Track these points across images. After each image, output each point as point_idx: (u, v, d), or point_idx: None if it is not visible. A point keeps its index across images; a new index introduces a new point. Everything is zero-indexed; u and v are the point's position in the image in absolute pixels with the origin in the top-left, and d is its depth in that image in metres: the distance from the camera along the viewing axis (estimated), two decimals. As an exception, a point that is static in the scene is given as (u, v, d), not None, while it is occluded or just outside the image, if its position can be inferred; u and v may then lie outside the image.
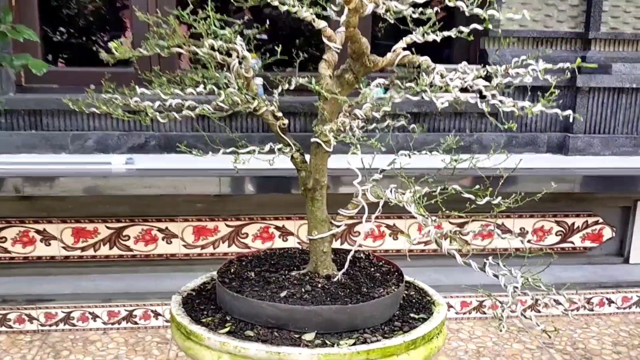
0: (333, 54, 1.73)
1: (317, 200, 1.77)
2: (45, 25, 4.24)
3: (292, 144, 1.78)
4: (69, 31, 4.81)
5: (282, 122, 1.74)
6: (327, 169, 1.77)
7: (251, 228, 3.14)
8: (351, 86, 1.67)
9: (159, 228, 3.10)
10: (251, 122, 3.31)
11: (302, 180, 1.78)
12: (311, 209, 1.77)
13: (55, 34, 4.60)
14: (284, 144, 1.77)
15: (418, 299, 1.86)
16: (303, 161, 1.79)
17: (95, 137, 3.23)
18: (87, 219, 3.07)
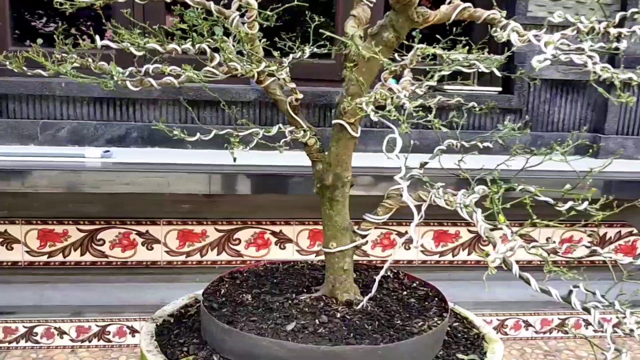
0: (364, 9, 1.25)
1: (337, 201, 1.29)
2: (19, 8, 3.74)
3: (306, 127, 1.30)
4: (43, 15, 4.32)
5: (295, 98, 1.26)
6: (351, 161, 1.29)
7: (244, 233, 2.65)
8: (390, 49, 1.19)
9: (139, 232, 2.60)
10: (247, 113, 2.83)
11: (318, 175, 1.30)
12: (328, 213, 1.29)
13: (32, 18, 4.10)
14: (296, 127, 1.29)
15: (463, 331, 1.39)
16: (320, 150, 1.31)
17: (68, 126, 2.72)
18: (55, 220, 2.56)
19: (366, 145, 2.88)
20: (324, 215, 1.30)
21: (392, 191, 1.27)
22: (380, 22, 1.19)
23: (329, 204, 1.29)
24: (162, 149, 2.76)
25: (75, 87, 2.68)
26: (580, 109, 2.98)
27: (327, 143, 1.33)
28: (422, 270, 2.75)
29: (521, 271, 1.11)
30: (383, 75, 1.19)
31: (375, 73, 1.23)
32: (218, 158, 2.56)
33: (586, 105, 2.97)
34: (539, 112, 2.96)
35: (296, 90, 1.25)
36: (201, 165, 2.43)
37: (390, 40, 1.17)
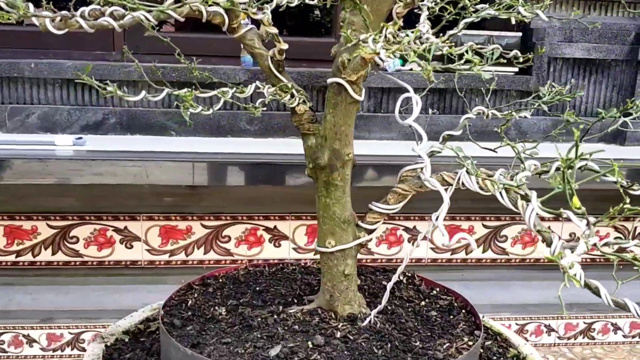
0: None
1: (335, 186, 0.96)
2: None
3: (294, 89, 0.97)
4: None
5: (279, 50, 0.94)
6: (352, 134, 0.97)
7: (234, 230, 2.32)
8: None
9: (116, 228, 2.28)
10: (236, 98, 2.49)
11: (310, 151, 0.97)
12: (325, 201, 0.96)
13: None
14: (282, 89, 0.96)
15: (498, 352, 1.06)
16: (312, 120, 0.99)
17: (39, 111, 2.39)
18: (23, 215, 2.25)
19: (370, 132, 2.55)
20: (319, 204, 0.98)
21: (406, 173, 0.95)
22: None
23: (324, 189, 0.96)
24: (143, 137, 2.43)
25: (47, 67, 2.35)
26: (605, 90, 2.64)
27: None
28: (433, 270, 2.43)
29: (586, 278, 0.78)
30: (395, 10, 0.86)
31: (383, 14, 0.90)
32: (204, 146, 2.24)
33: (611, 86, 2.64)
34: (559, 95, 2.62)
35: (279, 39, 0.92)
36: (183, 154, 2.10)
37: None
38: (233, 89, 0.89)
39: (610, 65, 2.61)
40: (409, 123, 0.78)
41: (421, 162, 0.88)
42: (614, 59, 2.59)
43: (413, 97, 0.79)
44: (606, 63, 2.61)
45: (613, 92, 2.65)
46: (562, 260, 0.61)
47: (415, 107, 0.81)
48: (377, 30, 0.90)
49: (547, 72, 2.59)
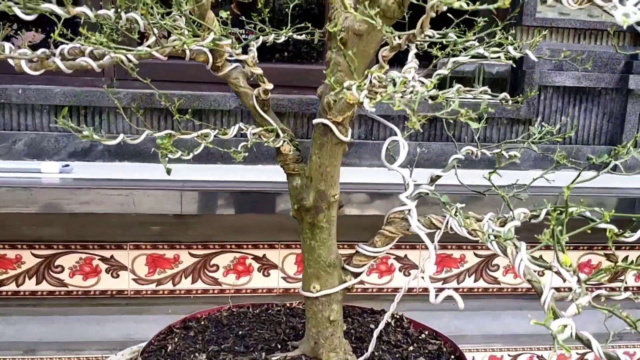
0: (354, -29, 0.91)
1: (320, 228, 0.93)
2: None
3: (278, 129, 0.94)
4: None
5: (264, 89, 0.91)
6: (339, 174, 0.94)
7: (222, 258, 2.28)
8: (391, 20, 0.85)
9: (102, 257, 2.23)
10: (227, 124, 2.48)
11: (295, 192, 0.94)
12: (310, 244, 0.93)
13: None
14: (266, 128, 0.94)
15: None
16: (297, 159, 0.96)
17: (26, 138, 2.36)
18: (7, 244, 2.20)
19: (360, 159, 2.53)
20: (304, 246, 0.95)
21: (394, 215, 0.92)
22: (378, -18, 0.85)
23: (309, 231, 0.93)
24: (131, 164, 2.40)
25: (34, 94, 2.33)
26: (595, 118, 2.64)
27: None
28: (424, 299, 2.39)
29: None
30: (381, 54, 0.84)
31: (369, 56, 0.88)
32: (193, 173, 2.21)
33: (602, 114, 2.64)
34: (550, 122, 2.62)
35: (264, 79, 0.90)
36: (171, 182, 2.07)
37: (390, 7, 0.82)
38: (215, 131, 0.86)
39: (600, 93, 2.61)
40: (395, 169, 0.76)
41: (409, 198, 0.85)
42: (604, 87, 2.59)
43: (400, 141, 0.77)
44: (596, 91, 2.61)
45: (603, 120, 2.65)
46: (552, 325, 0.59)
47: (402, 150, 0.78)
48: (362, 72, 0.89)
49: (538, 100, 2.59)
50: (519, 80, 2.57)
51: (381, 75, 0.74)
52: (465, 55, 0.95)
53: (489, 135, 2.60)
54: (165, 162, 0.82)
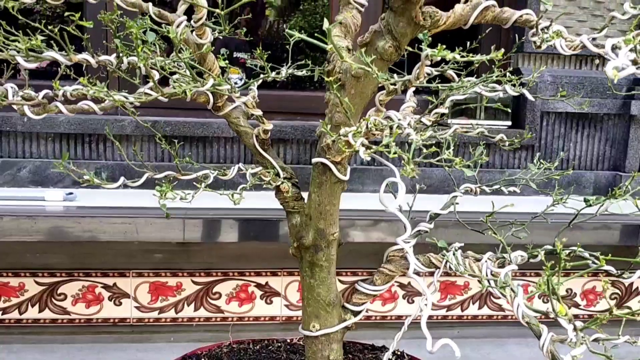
0: (354, 14, 0.93)
1: (320, 267, 0.94)
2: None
3: (278, 168, 0.95)
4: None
5: (264, 129, 0.93)
6: (338, 212, 0.95)
7: (225, 286, 2.28)
8: (388, 63, 0.87)
9: (105, 285, 2.24)
10: (230, 150, 2.49)
11: (294, 230, 0.95)
12: (309, 282, 0.94)
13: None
14: (265, 167, 0.95)
15: None
16: (297, 197, 0.97)
17: (30, 165, 2.39)
18: (10, 272, 2.21)
19: (363, 185, 2.54)
20: (303, 285, 0.95)
21: (393, 253, 0.92)
22: (374, 27, 0.86)
23: (309, 270, 0.94)
24: (135, 191, 2.40)
25: (39, 121, 2.35)
26: (598, 144, 2.65)
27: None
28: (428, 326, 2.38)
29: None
30: (378, 97, 0.86)
31: (367, 97, 0.90)
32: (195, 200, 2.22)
33: (604, 140, 2.64)
34: (552, 148, 2.63)
35: (264, 120, 0.92)
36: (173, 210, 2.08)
37: (387, 51, 0.84)
38: (215, 172, 0.87)
39: (602, 119, 2.62)
40: (393, 211, 0.76)
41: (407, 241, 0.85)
42: (607, 113, 2.60)
43: (399, 183, 0.78)
44: (598, 117, 2.62)
45: (606, 146, 2.65)
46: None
47: (399, 191, 0.79)
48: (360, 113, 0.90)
49: (540, 125, 2.60)
50: (521, 106, 2.59)
51: (378, 120, 0.75)
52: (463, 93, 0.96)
53: (492, 161, 2.61)
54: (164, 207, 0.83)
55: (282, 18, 5.04)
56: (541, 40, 0.76)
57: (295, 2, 4.60)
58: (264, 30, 4.97)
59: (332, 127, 0.91)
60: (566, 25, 2.56)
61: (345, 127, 0.84)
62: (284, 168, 0.97)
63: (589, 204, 0.98)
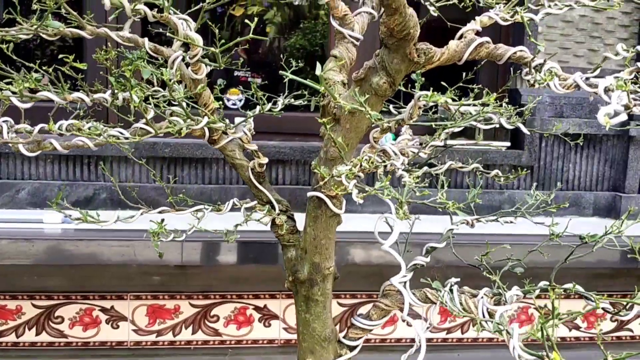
0: (348, 48, 0.93)
1: (315, 302, 0.93)
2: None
3: (274, 201, 0.95)
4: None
5: (258, 163, 0.93)
6: (333, 247, 0.95)
7: (223, 309, 2.27)
8: (382, 98, 0.87)
9: (103, 307, 2.23)
10: (229, 172, 2.50)
11: (290, 264, 0.95)
12: (304, 317, 0.94)
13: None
14: (261, 201, 0.95)
15: None
16: (292, 230, 0.97)
17: (29, 187, 2.39)
18: (7, 295, 2.20)
19: (362, 206, 2.54)
20: (298, 319, 0.95)
21: (389, 287, 0.92)
22: (369, 63, 0.87)
23: (304, 304, 0.94)
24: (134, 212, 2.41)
25: (38, 144, 2.36)
26: (597, 165, 2.65)
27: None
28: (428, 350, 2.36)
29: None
30: (372, 134, 0.86)
31: (362, 131, 0.90)
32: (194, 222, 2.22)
33: (603, 161, 2.64)
34: (551, 169, 2.63)
35: (259, 154, 0.92)
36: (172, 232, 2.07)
37: (381, 87, 0.84)
38: (209, 208, 0.87)
39: (602, 140, 2.63)
40: (387, 250, 0.76)
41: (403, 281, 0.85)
42: (606, 134, 2.60)
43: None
44: (598, 138, 2.62)
45: (605, 167, 2.65)
46: None
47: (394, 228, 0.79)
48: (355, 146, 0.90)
49: (539, 146, 2.61)
50: (519, 127, 2.59)
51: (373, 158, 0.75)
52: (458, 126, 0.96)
53: (491, 182, 2.61)
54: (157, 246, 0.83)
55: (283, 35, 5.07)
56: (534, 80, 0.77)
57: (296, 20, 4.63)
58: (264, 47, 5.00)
59: (327, 160, 0.91)
60: (564, 46, 2.58)
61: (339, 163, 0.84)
62: (280, 200, 0.97)
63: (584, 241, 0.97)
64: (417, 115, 0.79)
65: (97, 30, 0.86)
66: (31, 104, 0.76)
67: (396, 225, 0.80)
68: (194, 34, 0.82)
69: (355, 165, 0.71)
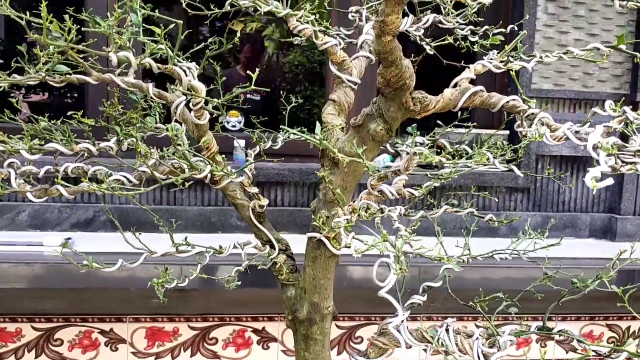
0: (347, 92, 0.97)
1: (314, 340, 0.96)
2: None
3: (273, 240, 0.98)
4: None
5: (259, 204, 0.95)
6: (332, 286, 0.97)
7: (222, 331, 2.29)
8: (379, 143, 0.90)
9: (102, 330, 2.24)
10: (228, 194, 2.52)
11: (289, 303, 0.97)
12: (303, 355, 0.96)
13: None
14: (261, 240, 0.97)
15: None
16: (292, 269, 0.99)
17: (30, 209, 2.41)
18: (7, 317, 2.22)
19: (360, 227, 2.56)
20: (297, 358, 0.97)
21: (386, 326, 0.94)
22: (366, 110, 0.90)
23: (303, 343, 0.96)
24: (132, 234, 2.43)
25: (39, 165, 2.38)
26: (593, 187, 2.67)
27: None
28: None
29: None
30: (370, 182, 0.89)
31: (360, 174, 0.92)
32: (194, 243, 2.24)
33: (599, 182, 2.67)
34: (548, 191, 2.66)
35: (259, 196, 0.94)
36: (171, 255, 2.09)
37: (378, 133, 0.87)
38: (211, 252, 0.90)
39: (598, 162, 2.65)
40: (384, 295, 0.79)
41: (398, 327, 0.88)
42: (601, 156, 2.63)
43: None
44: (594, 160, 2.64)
45: (601, 188, 2.68)
46: None
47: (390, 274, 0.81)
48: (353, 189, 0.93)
49: (535, 168, 2.64)
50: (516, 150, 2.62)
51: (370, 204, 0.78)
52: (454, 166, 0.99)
53: (488, 203, 2.64)
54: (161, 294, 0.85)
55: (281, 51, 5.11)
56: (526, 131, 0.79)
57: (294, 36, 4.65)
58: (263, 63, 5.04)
59: (326, 202, 0.94)
60: (559, 70, 2.62)
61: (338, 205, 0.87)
62: (279, 240, 1.00)
63: (575, 286, 1.00)
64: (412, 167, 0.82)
65: (102, 76, 0.89)
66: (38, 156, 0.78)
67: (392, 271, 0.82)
68: (197, 82, 0.85)
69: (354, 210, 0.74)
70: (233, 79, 3.93)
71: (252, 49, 4.54)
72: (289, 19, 0.91)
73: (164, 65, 0.80)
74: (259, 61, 4.82)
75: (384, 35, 0.76)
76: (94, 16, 0.85)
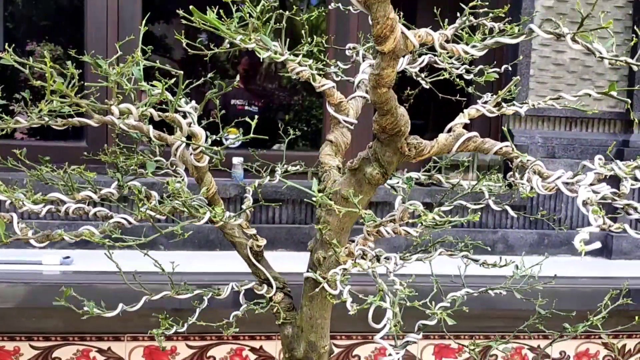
0: (343, 132, 0.99)
1: (311, 378, 0.97)
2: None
3: (271, 278, 1.00)
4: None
5: (257, 244, 0.97)
6: (329, 325, 0.99)
7: (219, 350, 2.30)
8: (375, 186, 0.92)
9: (100, 349, 2.25)
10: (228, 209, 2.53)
11: (287, 341, 0.99)
12: (301, 393, 0.97)
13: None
14: (259, 278, 0.99)
15: None
16: (289, 308, 1.01)
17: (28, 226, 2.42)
18: (5, 336, 2.22)
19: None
20: (294, 395, 0.99)
21: None
22: (362, 154, 0.92)
23: (300, 381, 0.98)
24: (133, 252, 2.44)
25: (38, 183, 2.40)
26: (589, 204, 2.69)
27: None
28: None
29: None
30: (366, 228, 0.91)
31: (356, 217, 0.94)
32: (192, 261, 2.26)
33: (595, 200, 2.69)
34: (544, 208, 2.68)
35: (257, 237, 0.96)
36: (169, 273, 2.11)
37: (374, 177, 0.89)
38: (209, 294, 0.91)
39: (593, 179, 2.67)
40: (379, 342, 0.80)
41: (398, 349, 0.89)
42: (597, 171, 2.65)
43: (388, 308, 0.82)
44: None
45: (597, 206, 2.70)
46: None
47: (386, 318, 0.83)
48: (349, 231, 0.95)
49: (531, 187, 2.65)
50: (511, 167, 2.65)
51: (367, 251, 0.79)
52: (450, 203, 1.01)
53: (485, 221, 2.66)
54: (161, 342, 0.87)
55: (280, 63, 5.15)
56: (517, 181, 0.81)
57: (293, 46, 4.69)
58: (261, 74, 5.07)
59: (323, 243, 0.96)
60: (556, 89, 2.64)
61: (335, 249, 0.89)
62: (277, 277, 1.01)
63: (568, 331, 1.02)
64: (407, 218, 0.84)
65: (103, 119, 0.91)
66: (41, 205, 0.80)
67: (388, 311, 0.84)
68: (197, 128, 0.87)
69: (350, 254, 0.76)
70: (231, 91, 3.97)
71: (250, 61, 4.56)
72: (288, 62, 0.93)
73: (164, 114, 0.82)
74: (258, 72, 4.85)
75: (379, 87, 0.78)
76: (96, 57, 0.87)
